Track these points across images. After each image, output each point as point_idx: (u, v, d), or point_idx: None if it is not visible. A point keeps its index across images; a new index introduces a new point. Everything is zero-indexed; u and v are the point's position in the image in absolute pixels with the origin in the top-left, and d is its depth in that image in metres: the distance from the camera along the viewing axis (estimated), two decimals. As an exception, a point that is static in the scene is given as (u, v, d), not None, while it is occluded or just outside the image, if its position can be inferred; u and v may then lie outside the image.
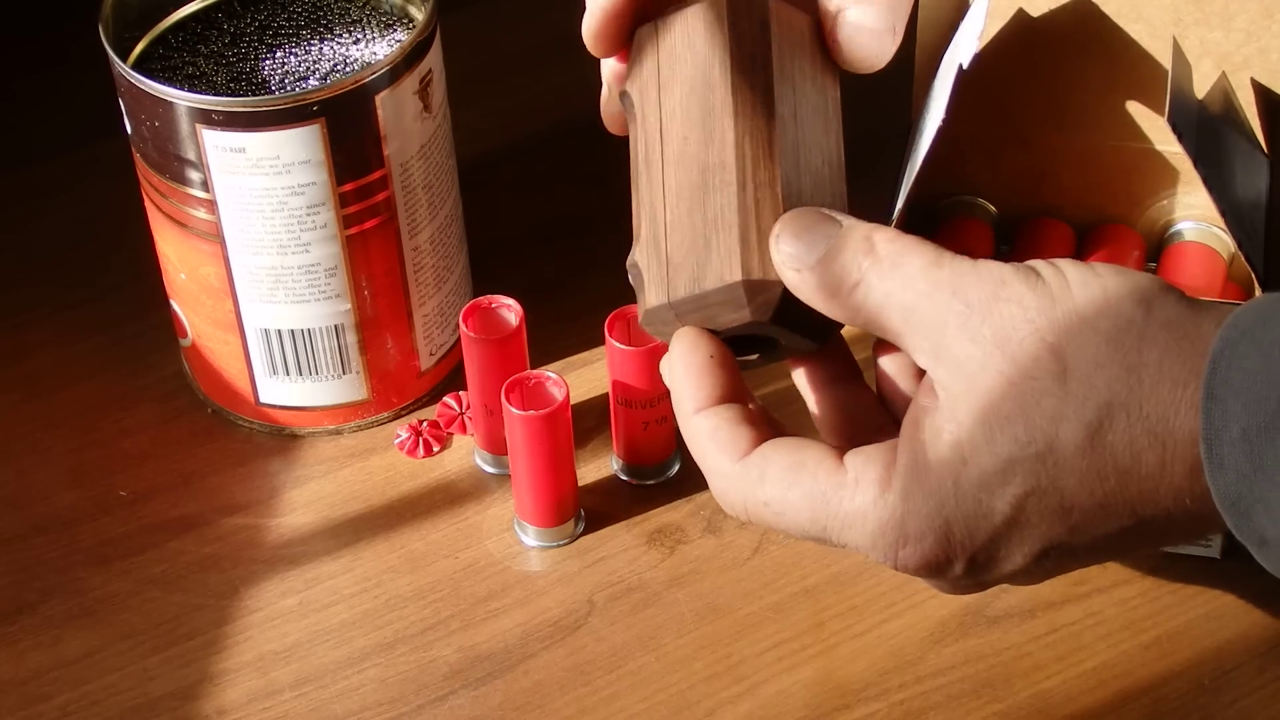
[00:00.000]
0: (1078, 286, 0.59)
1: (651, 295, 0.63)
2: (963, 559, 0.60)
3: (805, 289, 0.61)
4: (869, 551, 0.61)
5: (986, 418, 0.59)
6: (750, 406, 0.63)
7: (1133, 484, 0.59)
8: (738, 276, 0.61)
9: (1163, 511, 0.59)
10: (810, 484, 0.61)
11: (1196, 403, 0.57)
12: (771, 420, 0.64)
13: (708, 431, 0.62)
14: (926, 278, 0.60)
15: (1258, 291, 0.71)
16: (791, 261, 0.61)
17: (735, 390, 0.63)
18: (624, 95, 0.66)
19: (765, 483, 0.61)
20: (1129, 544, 0.61)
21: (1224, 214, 0.70)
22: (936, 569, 0.60)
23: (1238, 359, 0.56)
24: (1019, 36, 0.75)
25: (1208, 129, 0.73)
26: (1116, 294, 0.59)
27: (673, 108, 0.64)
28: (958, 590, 0.63)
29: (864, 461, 0.61)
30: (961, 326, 0.59)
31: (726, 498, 0.62)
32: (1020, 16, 0.75)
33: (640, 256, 0.64)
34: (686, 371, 0.63)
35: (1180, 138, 0.69)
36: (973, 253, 0.78)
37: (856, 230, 0.61)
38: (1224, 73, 0.75)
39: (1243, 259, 0.72)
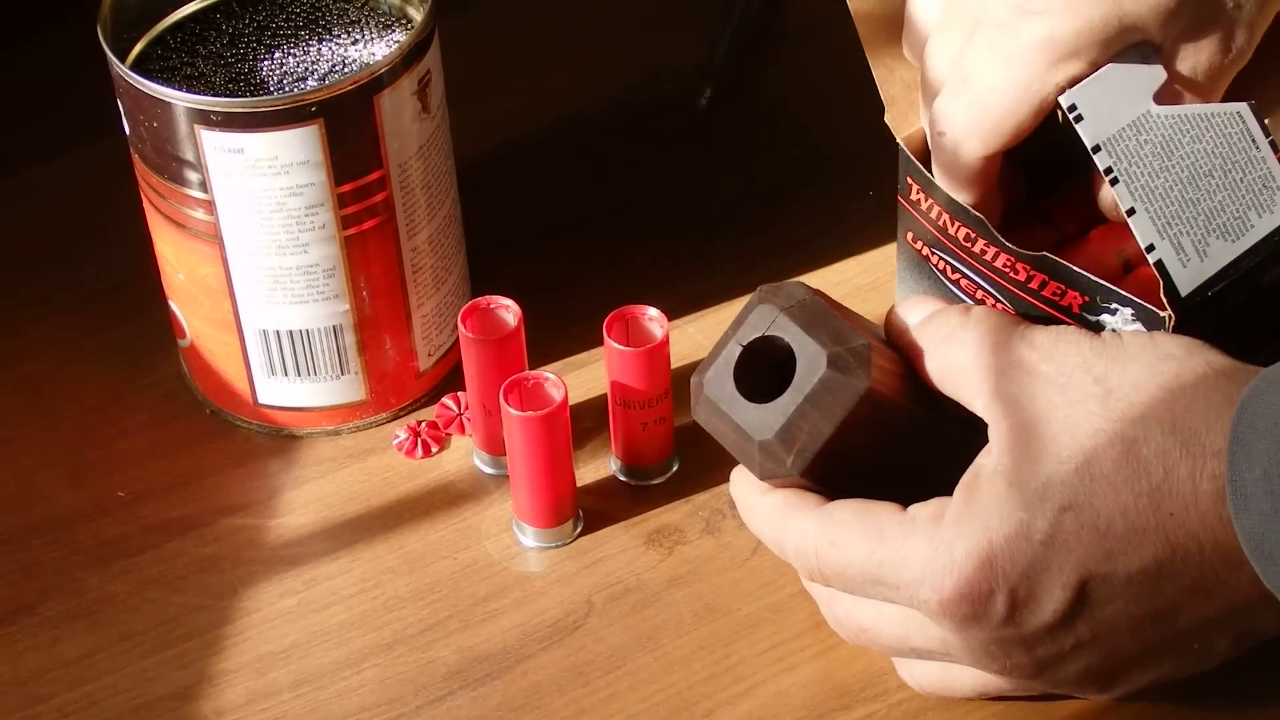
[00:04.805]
0: (1128, 335, 0.64)
1: None
2: (1004, 590, 0.62)
3: (903, 346, 0.68)
4: (918, 588, 0.63)
5: (1031, 441, 0.62)
6: None
7: (1164, 502, 0.61)
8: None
9: (1193, 541, 0.61)
10: (872, 520, 0.65)
11: (1228, 429, 0.59)
12: None
13: (780, 502, 0.67)
14: (1005, 330, 0.65)
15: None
16: (899, 321, 0.68)
17: None
18: None
19: (834, 524, 0.66)
20: (1169, 593, 0.62)
21: (1129, 213, 0.66)
22: (979, 601, 0.63)
23: (1264, 404, 0.58)
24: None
25: None
26: (1163, 338, 0.64)
27: None
28: (1001, 654, 0.64)
29: (922, 505, 0.65)
30: (1022, 366, 0.64)
31: (804, 552, 0.67)
32: None
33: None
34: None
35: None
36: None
37: (959, 304, 0.68)
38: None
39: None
